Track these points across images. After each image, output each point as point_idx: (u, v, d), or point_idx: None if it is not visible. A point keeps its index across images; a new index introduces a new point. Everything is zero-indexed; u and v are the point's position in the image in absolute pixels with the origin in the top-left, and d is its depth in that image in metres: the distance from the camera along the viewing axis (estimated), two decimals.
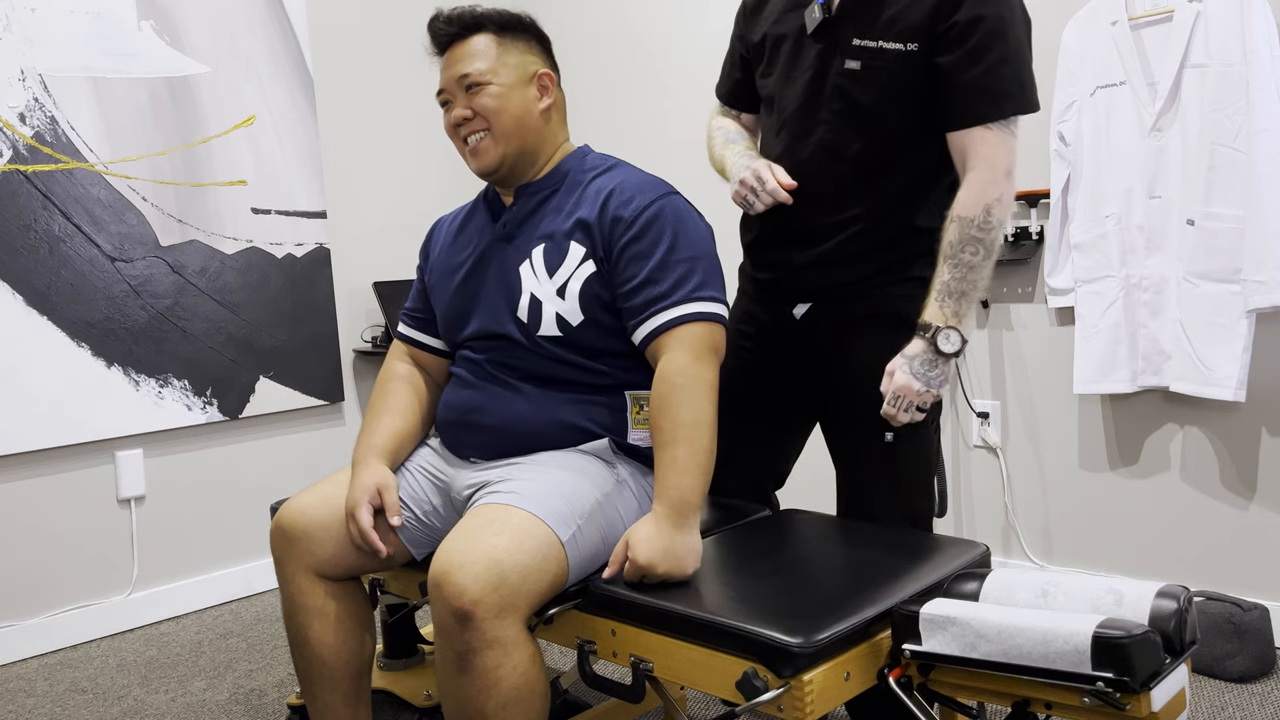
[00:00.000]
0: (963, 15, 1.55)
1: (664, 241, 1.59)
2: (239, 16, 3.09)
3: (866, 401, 1.73)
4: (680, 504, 1.49)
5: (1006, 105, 1.57)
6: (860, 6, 1.64)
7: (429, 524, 1.72)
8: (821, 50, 1.67)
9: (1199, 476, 2.46)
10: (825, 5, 1.65)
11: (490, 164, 1.67)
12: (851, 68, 1.63)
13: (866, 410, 1.73)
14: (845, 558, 1.58)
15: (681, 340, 1.55)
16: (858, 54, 1.62)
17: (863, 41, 1.62)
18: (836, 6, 1.65)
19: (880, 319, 1.73)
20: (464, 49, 1.67)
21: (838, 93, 1.66)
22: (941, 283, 1.60)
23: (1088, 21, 2.44)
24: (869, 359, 1.72)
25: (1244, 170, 2.20)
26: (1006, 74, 1.56)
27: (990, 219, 1.58)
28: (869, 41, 1.62)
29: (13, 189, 2.68)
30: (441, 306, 1.78)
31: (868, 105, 1.64)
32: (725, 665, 1.36)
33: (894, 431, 1.74)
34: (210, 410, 3.04)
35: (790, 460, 1.97)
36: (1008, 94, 1.56)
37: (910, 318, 1.70)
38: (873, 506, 1.77)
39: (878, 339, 1.72)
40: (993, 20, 1.54)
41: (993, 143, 1.57)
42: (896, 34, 1.60)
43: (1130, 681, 1.17)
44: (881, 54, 1.61)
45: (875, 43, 1.61)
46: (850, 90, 1.65)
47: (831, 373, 1.78)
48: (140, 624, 2.93)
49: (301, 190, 3.23)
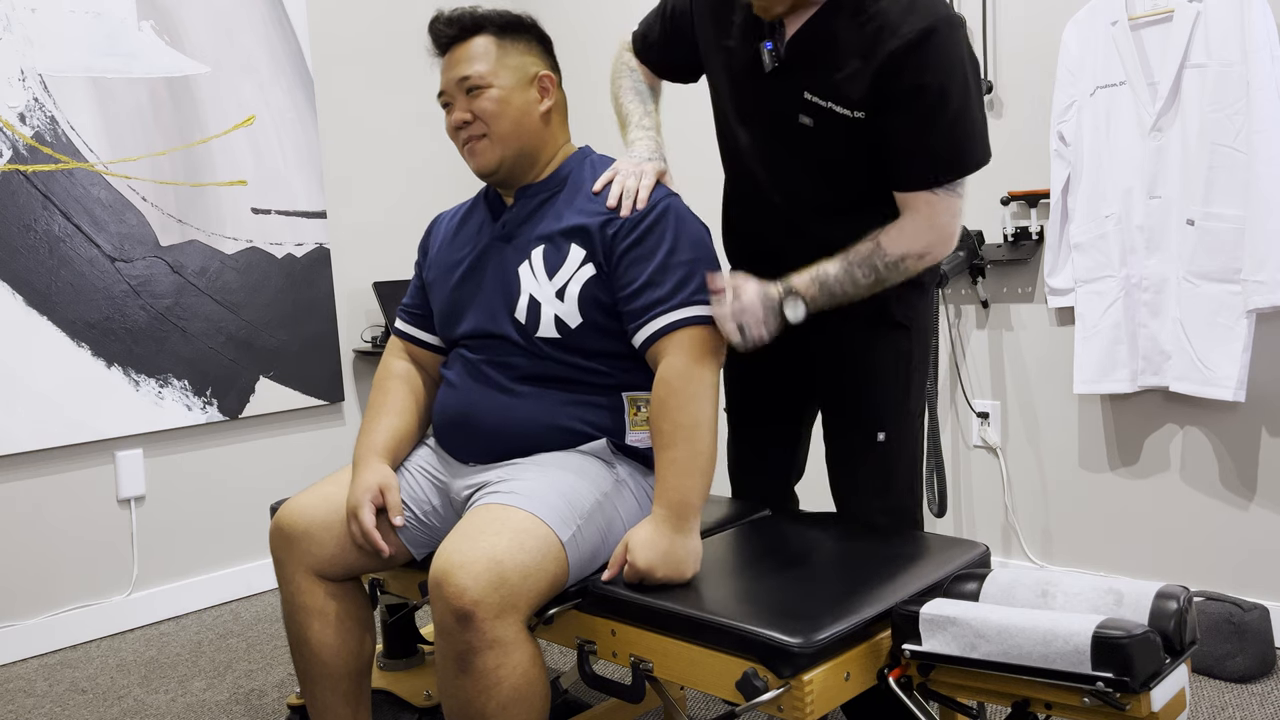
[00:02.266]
0: (905, 83, 1.50)
1: (664, 244, 1.59)
2: (239, 16, 3.09)
3: (860, 402, 1.76)
4: (680, 506, 1.49)
5: (945, 174, 1.54)
6: (807, 60, 1.58)
7: (429, 524, 1.72)
8: (777, 95, 1.63)
9: (1199, 476, 2.46)
10: (774, 53, 1.60)
11: (489, 165, 1.67)
12: (805, 123, 1.61)
13: (860, 410, 1.76)
14: (845, 558, 1.58)
15: (682, 343, 1.55)
16: (810, 110, 1.59)
17: (813, 98, 1.58)
18: (785, 54, 1.60)
19: (872, 319, 1.74)
20: (464, 51, 1.66)
21: (797, 143, 1.64)
22: (825, 271, 1.58)
23: (1088, 21, 2.44)
24: (863, 359, 1.75)
25: (1244, 170, 2.20)
26: (948, 143, 1.53)
27: (901, 265, 1.58)
28: (819, 100, 1.58)
29: (13, 189, 2.68)
30: (439, 303, 1.77)
31: (827, 157, 1.63)
32: (725, 665, 1.36)
33: (885, 431, 1.76)
34: (210, 410, 3.04)
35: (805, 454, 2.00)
36: (949, 162, 1.54)
37: (904, 320, 1.73)
38: (861, 504, 1.80)
39: (872, 339, 1.74)
40: (934, 90, 1.49)
41: (934, 204, 1.56)
42: (843, 100, 1.56)
43: (1130, 681, 1.17)
44: (832, 115, 1.58)
45: (825, 103, 1.58)
46: (809, 142, 1.63)
47: (826, 373, 1.80)
48: (140, 624, 2.93)
49: (301, 190, 3.23)
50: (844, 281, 1.58)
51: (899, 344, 1.76)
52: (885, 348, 1.75)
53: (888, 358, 1.75)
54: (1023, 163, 2.66)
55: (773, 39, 1.59)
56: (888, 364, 1.76)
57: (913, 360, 1.78)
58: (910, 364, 1.78)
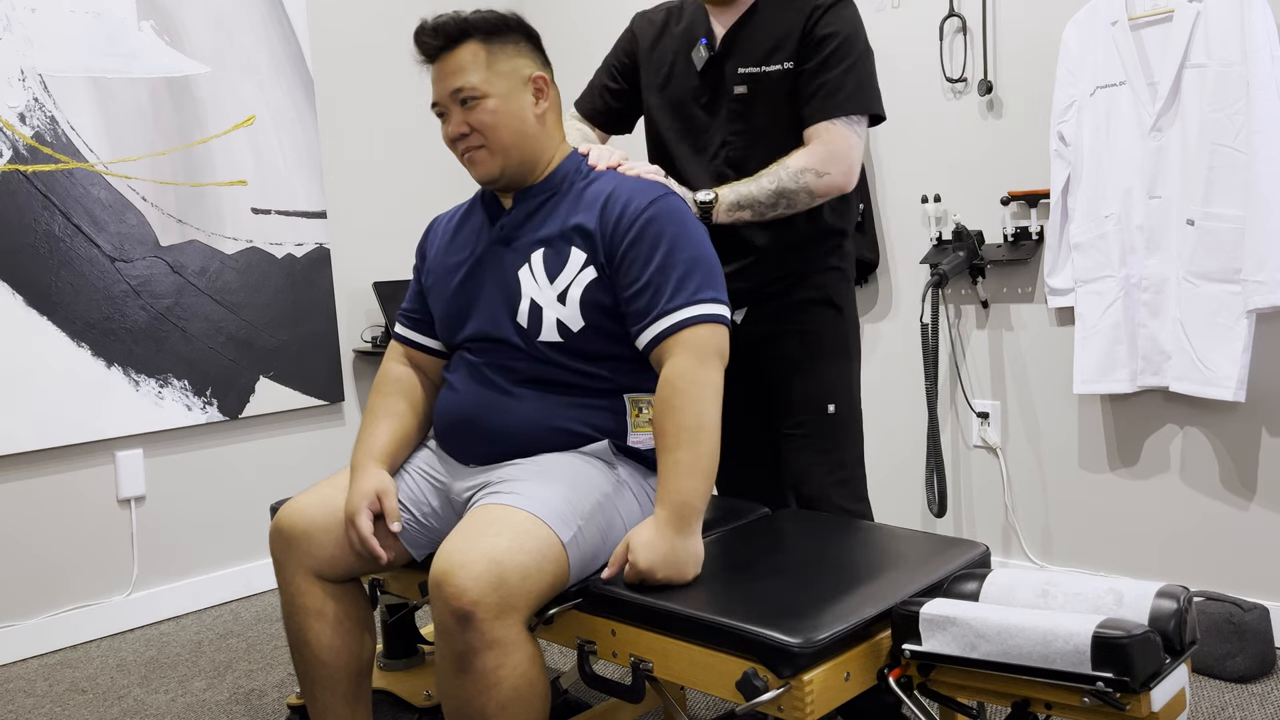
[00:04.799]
0: (819, 31, 1.82)
1: (664, 244, 1.58)
2: (239, 16, 3.09)
3: (808, 375, 1.93)
4: (682, 508, 1.49)
5: (849, 104, 1.82)
6: (740, 41, 1.88)
7: (428, 525, 1.72)
8: (713, 82, 1.91)
9: (1199, 476, 2.46)
10: (709, 45, 1.90)
11: (490, 175, 1.66)
12: (740, 93, 1.88)
13: (808, 384, 1.93)
14: (845, 558, 1.58)
15: (685, 344, 1.55)
16: (743, 80, 1.88)
17: (747, 69, 1.87)
18: (720, 44, 1.89)
19: (814, 303, 1.95)
20: (454, 61, 1.63)
21: (731, 115, 1.90)
22: (745, 190, 1.81)
23: (1088, 21, 2.44)
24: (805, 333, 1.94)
25: (1244, 170, 2.20)
26: (850, 80, 1.82)
27: (802, 177, 1.80)
28: (753, 68, 1.87)
29: (13, 189, 2.68)
30: (439, 307, 1.77)
31: (759, 123, 1.88)
32: (725, 665, 1.36)
33: (834, 404, 1.93)
34: (210, 410, 3.04)
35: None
36: (851, 95, 1.82)
37: (837, 302, 1.96)
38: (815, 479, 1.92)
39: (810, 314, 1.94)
40: (842, 36, 1.82)
41: (834, 132, 1.82)
42: (774, 57, 1.85)
43: (1130, 681, 1.17)
44: (765, 77, 1.86)
45: (759, 68, 1.86)
46: (742, 112, 1.89)
47: (774, 359, 1.96)
48: (140, 624, 2.93)
49: (301, 190, 3.23)
50: (751, 187, 1.80)
51: (836, 323, 1.96)
52: (824, 324, 1.95)
53: (828, 332, 1.95)
54: (1023, 163, 2.66)
55: (707, 37, 1.91)
56: (829, 338, 1.95)
57: (849, 340, 1.97)
58: (849, 343, 1.96)
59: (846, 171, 1.82)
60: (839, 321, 1.96)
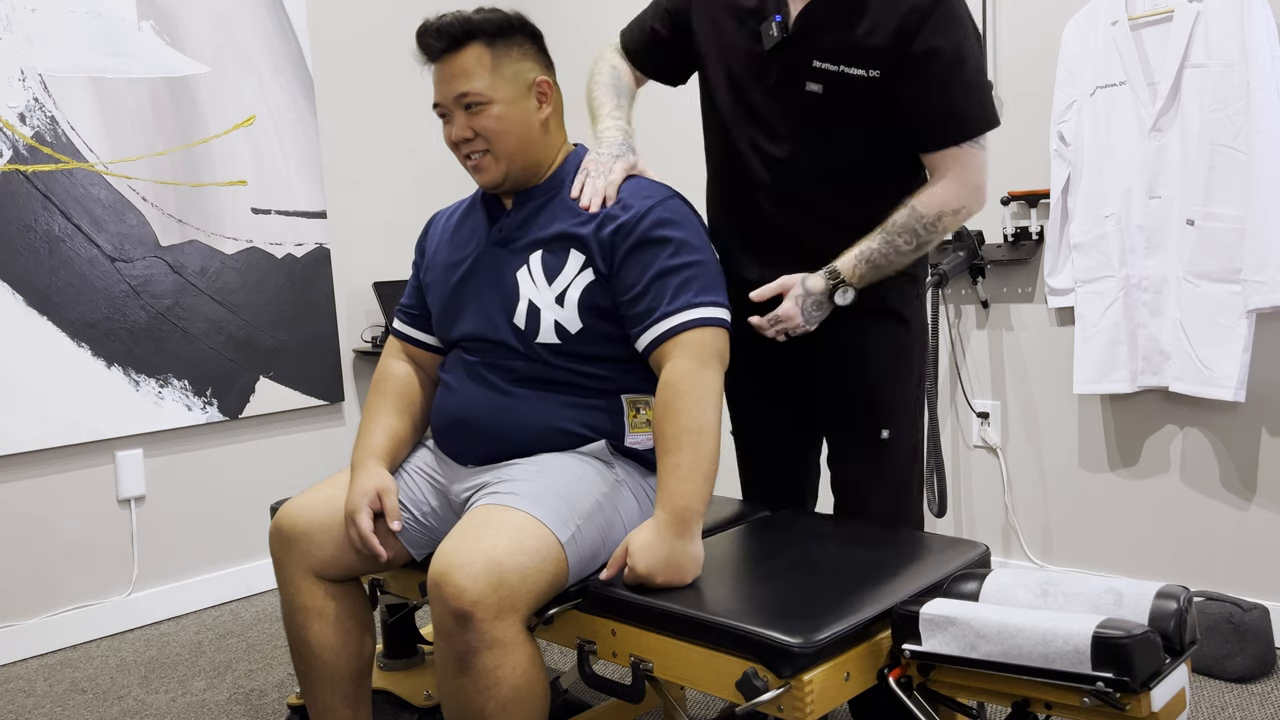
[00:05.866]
0: (920, 45, 1.59)
1: (665, 246, 1.58)
2: (239, 16, 3.08)
3: (863, 398, 1.77)
4: (683, 511, 1.48)
5: (973, 127, 1.63)
6: (818, 28, 1.63)
7: (428, 525, 1.72)
8: (780, 69, 1.67)
9: (1199, 476, 2.46)
10: (782, 24, 1.65)
11: (494, 180, 1.65)
12: (814, 90, 1.65)
13: (864, 408, 1.77)
14: (845, 558, 1.58)
15: (685, 346, 1.54)
16: (819, 77, 1.64)
17: (823, 64, 1.63)
18: (794, 25, 1.64)
19: (876, 314, 1.75)
20: (457, 64, 1.60)
21: (800, 113, 1.67)
22: (868, 248, 1.64)
23: (1087, 21, 2.44)
24: (863, 352, 1.75)
25: (1244, 170, 2.20)
26: (971, 100, 1.62)
27: (939, 223, 1.64)
28: (830, 65, 1.62)
29: (13, 189, 2.68)
30: (437, 304, 1.76)
31: (832, 126, 1.66)
32: (725, 665, 1.36)
33: (889, 429, 1.76)
34: (210, 410, 3.04)
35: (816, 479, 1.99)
36: (974, 118, 1.63)
37: (901, 312, 1.75)
38: (865, 503, 1.79)
39: (870, 331, 1.75)
40: (950, 51, 1.59)
41: (964, 160, 1.64)
42: (858, 59, 1.61)
43: (1130, 681, 1.17)
44: (844, 78, 1.63)
45: (837, 67, 1.62)
46: (813, 111, 1.66)
47: (827, 370, 1.78)
48: (140, 624, 2.93)
49: (301, 190, 3.23)
50: (887, 254, 1.64)
51: (898, 337, 1.77)
52: (884, 340, 1.76)
53: (888, 351, 1.77)
54: (1023, 163, 2.66)
55: (781, 13, 1.65)
56: (888, 357, 1.77)
57: (912, 354, 1.79)
58: (910, 358, 1.79)
59: (979, 195, 1.66)
60: (901, 335, 1.77)
